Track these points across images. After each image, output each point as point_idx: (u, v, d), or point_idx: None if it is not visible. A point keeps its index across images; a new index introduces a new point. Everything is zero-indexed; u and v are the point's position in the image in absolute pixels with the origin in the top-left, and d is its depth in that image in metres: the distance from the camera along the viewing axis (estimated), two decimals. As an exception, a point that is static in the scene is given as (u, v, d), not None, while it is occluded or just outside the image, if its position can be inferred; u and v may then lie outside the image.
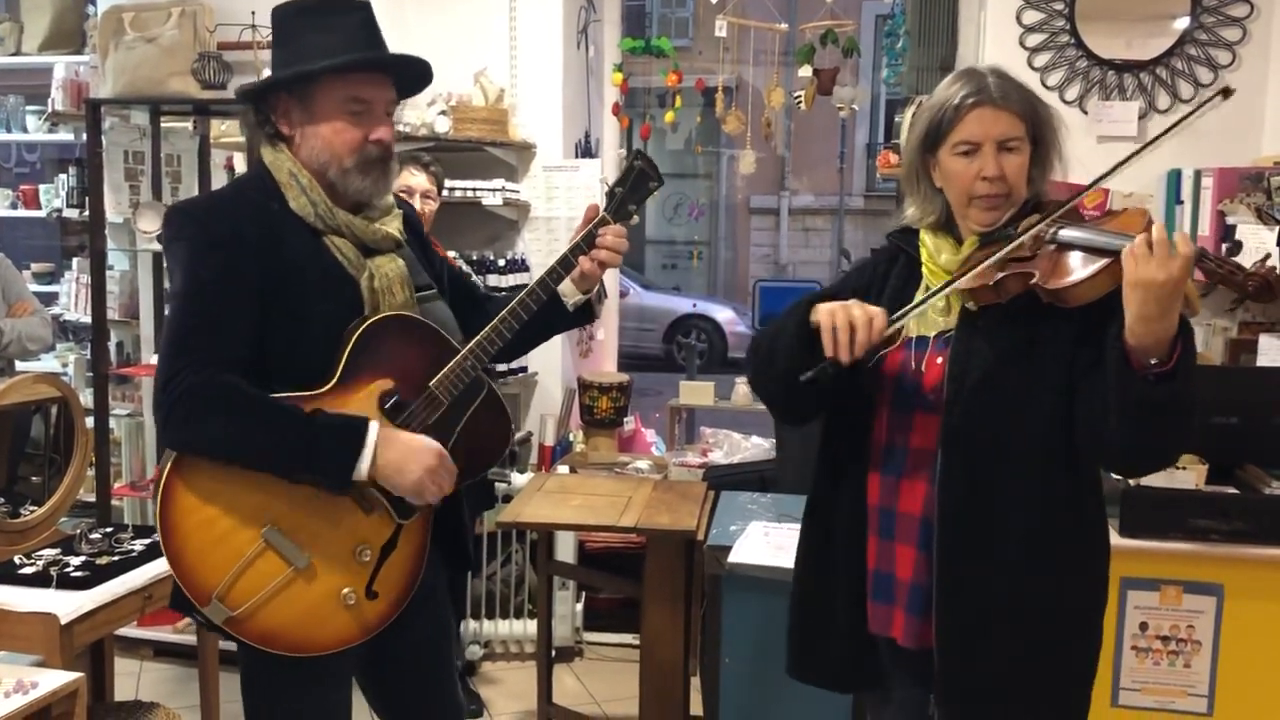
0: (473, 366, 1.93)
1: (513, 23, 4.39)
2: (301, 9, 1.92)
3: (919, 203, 1.94)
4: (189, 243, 1.85)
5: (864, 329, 1.73)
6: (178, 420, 1.79)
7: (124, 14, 3.99)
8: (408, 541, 1.94)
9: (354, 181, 1.90)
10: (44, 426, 3.07)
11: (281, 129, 1.91)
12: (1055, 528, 1.83)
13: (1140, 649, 2.82)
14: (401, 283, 1.95)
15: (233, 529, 1.82)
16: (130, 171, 4.12)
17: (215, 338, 1.80)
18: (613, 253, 1.99)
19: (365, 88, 1.89)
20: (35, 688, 2.18)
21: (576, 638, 4.16)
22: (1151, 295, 1.56)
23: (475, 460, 2.00)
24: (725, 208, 17.43)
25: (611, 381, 4.44)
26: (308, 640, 1.87)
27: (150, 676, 3.91)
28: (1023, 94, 1.84)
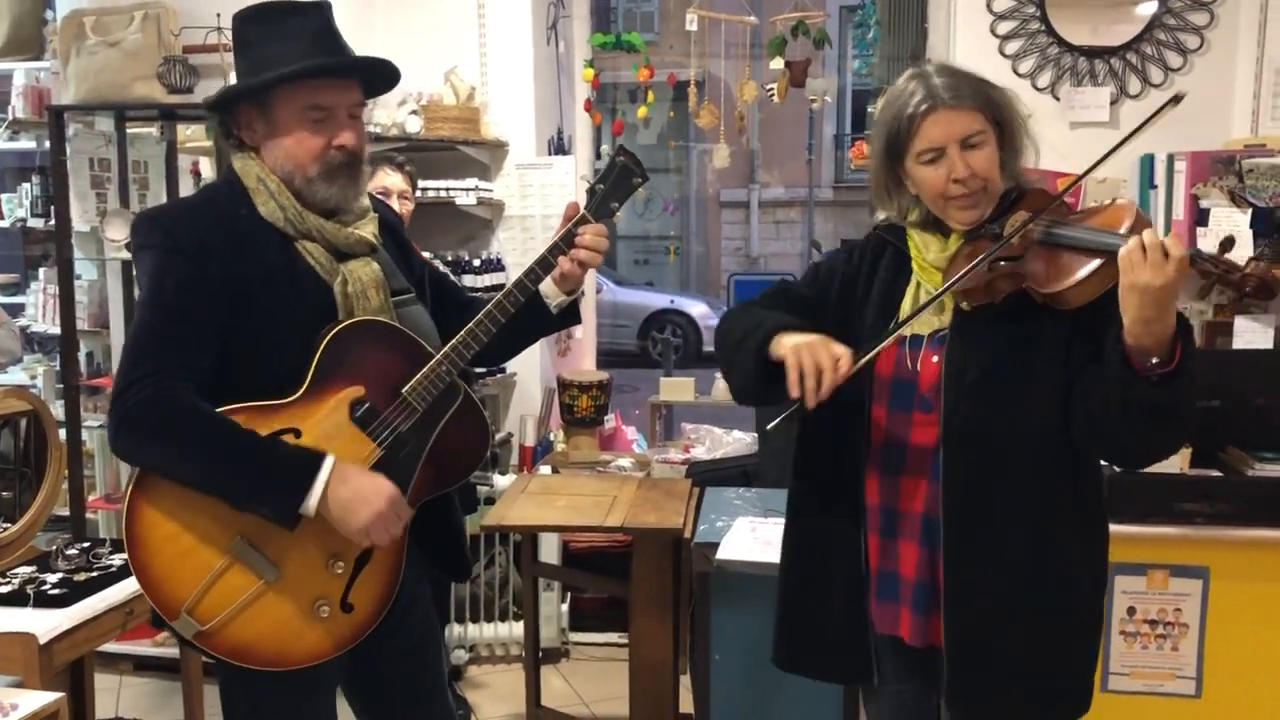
0: (447, 372, 1.89)
1: (482, 20, 4.35)
2: (257, 16, 1.87)
3: (895, 212, 1.93)
4: (155, 250, 1.82)
5: (830, 372, 1.69)
6: (127, 434, 1.76)
7: (85, 18, 3.92)
8: (384, 552, 1.89)
9: (320, 189, 1.86)
10: (14, 440, 3.01)
11: (245, 139, 1.88)
12: (1060, 522, 1.83)
13: (1128, 633, 2.83)
14: (376, 287, 1.91)
15: (200, 541, 1.78)
16: (96, 179, 4.05)
17: (176, 349, 1.77)
18: (592, 252, 1.96)
19: (324, 94, 1.85)
20: (15, 710, 2.12)
21: (563, 638, 4.14)
22: (1150, 298, 1.56)
23: (453, 467, 1.96)
24: (696, 202, 17.43)
25: (591, 380, 4.42)
26: (281, 654, 1.83)
27: (130, 692, 3.85)
28: (974, 86, 1.81)
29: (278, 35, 1.84)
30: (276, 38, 1.84)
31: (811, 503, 2.01)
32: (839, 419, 1.90)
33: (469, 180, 4.17)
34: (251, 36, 1.87)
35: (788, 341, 1.74)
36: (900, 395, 1.87)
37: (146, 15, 3.86)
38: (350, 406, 1.84)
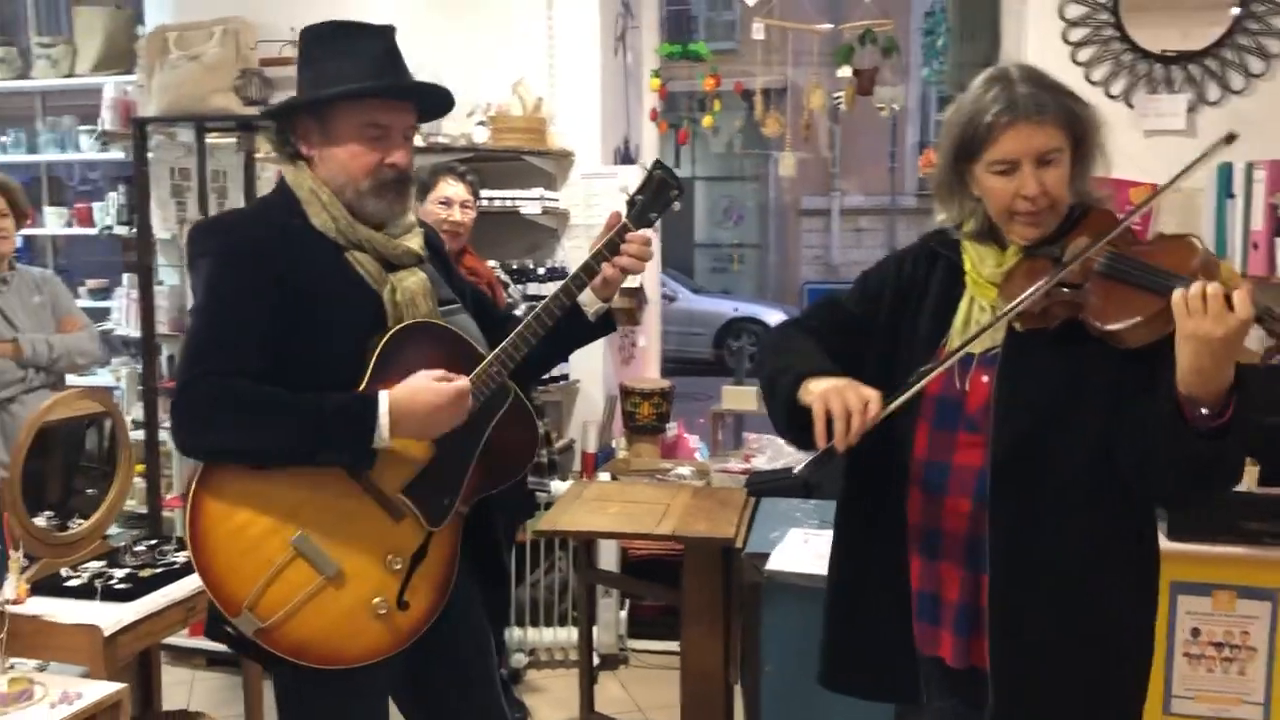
0: (499, 372, 1.93)
1: (550, 32, 4.40)
2: (325, 33, 1.95)
3: (955, 214, 1.88)
4: (210, 258, 1.89)
5: (859, 415, 1.66)
6: (189, 426, 1.82)
7: (169, 33, 4.07)
8: (438, 550, 1.94)
9: (369, 204, 1.92)
10: (98, 440, 3.13)
11: (301, 149, 1.94)
12: (1109, 549, 1.78)
13: (1192, 656, 2.75)
14: (424, 295, 1.96)
15: (261, 538, 1.82)
16: (177, 188, 4.19)
17: (230, 350, 1.82)
18: (637, 259, 1.99)
19: (383, 113, 1.91)
20: (80, 698, 2.22)
21: (621, 645, 4.15)
22: (1206, 350, 1.50)
23: (504, 466, 2.01)
24: (775, 210, 17.36)
25: (653, 388, 4.43)
26: (339, 652, 1.87)
27: (203, 686, 3.96)
28: (1059, 100, 1.73)
29: (343, 53, 1.91)
30: (342, 55, 1.91)
31: (855, 519, 1.98)
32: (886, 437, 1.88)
33: (534, 190, 4.22)
34: (317, 52, 1.94)
35: (815, 388, 1.71)
36: (946, 414, 1.83)
37: (226, 30, 3.99)
38: None
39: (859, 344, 1.91)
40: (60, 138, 5.50)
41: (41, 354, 3.40)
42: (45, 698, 2.21)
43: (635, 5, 4.73)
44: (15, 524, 2.45)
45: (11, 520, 2.44)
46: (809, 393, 1.72)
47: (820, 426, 1.67)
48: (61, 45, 5.31)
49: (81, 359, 3.56)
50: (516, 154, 4.17)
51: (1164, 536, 2.69)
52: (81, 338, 3.56)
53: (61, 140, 5.51)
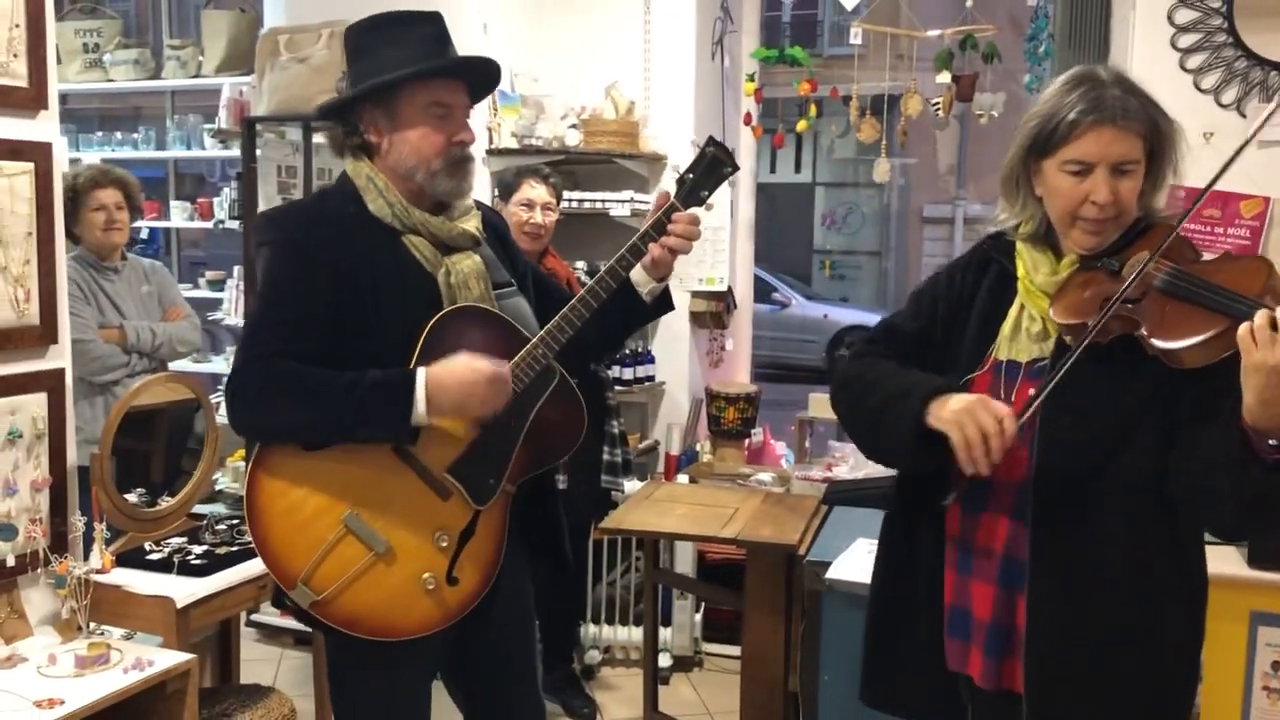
0: (543, 355, 1.97)
1: (646, 36, 4.44)
2: (376, 24, 2.01)
3: (1016, 211, 1.82)
4: (270, 246, 1.98)
5: (997, 437, 1.60)
6: (240, 406, 1.91)
7: (280, 35, 4.24)
8: (486, 528, 1.99)
9: (442, 183, 1.99)
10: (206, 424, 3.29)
11: (370, 139, 2.00)
12: (1153, 573, 1.72)
13: (1273, 690, 2.62)
14: (478, 278, 2.01)
15: (315, 515, 1.91)
16: (283, 185, 4.36)
17: (285, 333, 1.90)
18: (683, 239, 2.01)
19: (445, 93, 1.98)
20: (151, 665, 2.35)
21: (696, 648, 4.16)
22: (1275, 381, 1.43)
23: (550, 447, 2.05)
24: (896, 216, 17.08)
25: (739, 392, 4.42)
26: (391, 624, 1.94)
27: (288, 664, 4.12)
28: (1146, 109, 1.68)
29: (395, 41, 1.98)
30: (394, 43, 1.97)
31: (898, 531, 1.95)
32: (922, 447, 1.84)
33: (624, 192, 4.27)
34: (369, 44, 2.01)
35: (946, 414, 1.65)
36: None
37: (333, 33, 4.13)
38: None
39: (920, 360, 1.87)
40: (186, 135, 5.79)
41: (145, 341, 3.59)
42: (120, 663, 2.34)
43: (735, 10, 4.74)
44: (102, 498, 2.59)
45: (99, 494, 2.58)
46: (940, 419, 1.65)
47: (964, 455, 1.62)
48: (190, 47, 5.59)
49: (182, 347, 3.75)
50: (608, 157, 4.22)
51: (1244, 565, 2.58)
52: (184, 326, 3.74)
53: (188, 138, 5.80)
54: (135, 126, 6.08)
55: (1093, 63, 4.20)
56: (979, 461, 1.61)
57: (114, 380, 3.48)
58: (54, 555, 2.48)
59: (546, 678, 3.76)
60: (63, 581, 2.45)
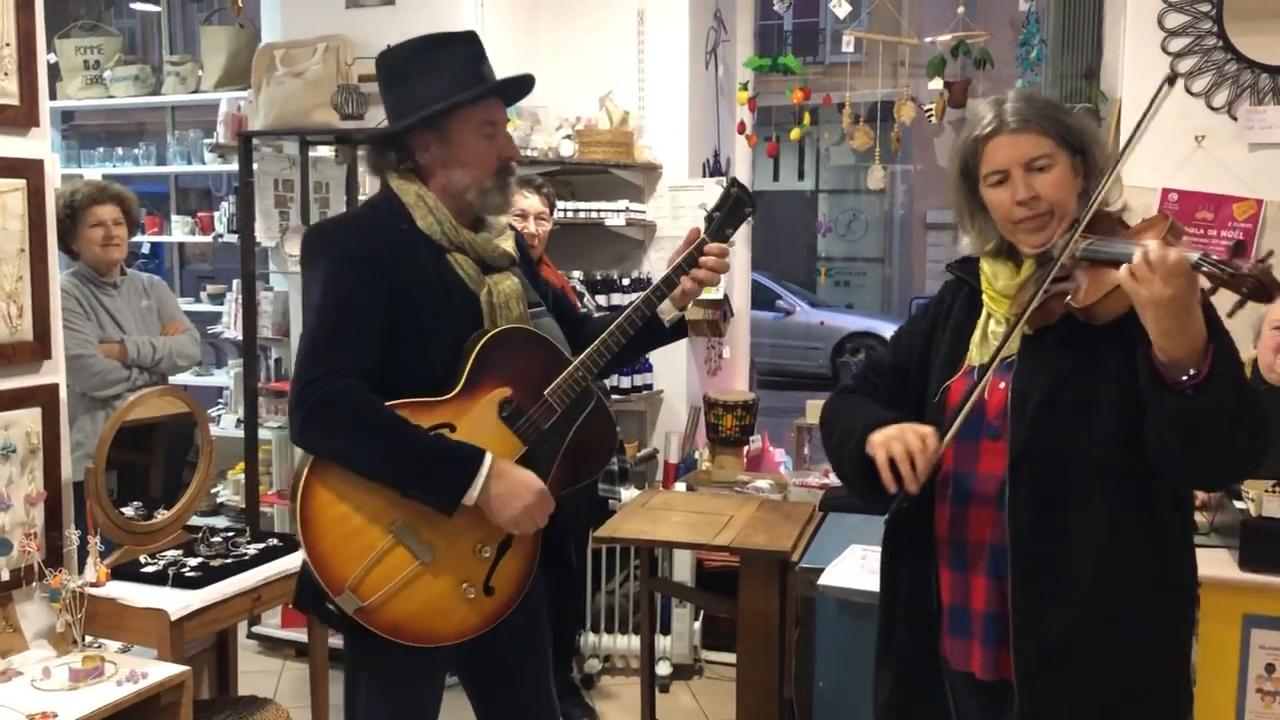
0: (583, 377, 2.04)
1: (640, 46, 4.47)
2: (416, 50, 2.04)
3: (975, 236, 1.94)
4: (327, 261, 1.99)
5: (921, 455, 1.72)
6: (311, 428, 1.94)
7: (276, 50, 4.28)
8: (522, 541, 2.05)
9: (493, 199, 2.06)
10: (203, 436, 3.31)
11: (421, 161, 2.04)
12: (1133, 552, 1.76)
13: (1267, 692, 2.62)
14: (517, 298, 2.08)
15: (366, 524, 1.95)
16: (280, 199, 4.39)
17: (348, 350, 1.94)
18: (713, 272, 2.10)
19: (493, 111, 2.06)
20: (145, 678, 2.35)
21: (695, 656, 4.16)
22: (1162, 309, 1.54)
23: (585, 464, 2.12)
24: (899, 223, 17.08)
25: (737, 400, 4.43)
26: (431, 631, 1.98)
27: (290, 675, 4.13)
28: (1041, 111, 1.81)
29: (439, 65, 2.02)
30: (439, 67, 2.01)
31: (892, 537, 2.00)
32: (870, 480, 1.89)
33: (620, 202, 4.28)
34: (410, 69, 2.03)
35: (875, 440, 1.78)
36: (968, 424, 1.82)
37: (328, 47, 4.18)
38: (499, 405, 2.00)
39: (905, 389, 1.98)
40: (187, 150, 5.82)
41: (145, 355, 3.61)
42: (114, 676, 2.35)
43: (729, 19, 4.76)
44: (97, 511, 2.61)
45: (93, 507, 2.60)
46: (872, 444, 1.78)
47: (886, 475, 1.74)
48: (189, 63, 5.63)
49: (182, 361, 3.77)
50: (603, 167, 4.24)
51: (1235, 567, 2.58)
52: (183, 340, 3.77)
53: (188, 153, 5.84)
54: (137, 142, 6.12)
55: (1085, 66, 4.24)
56: (905, 479, 1.72)
57: (115, 395, 3.50)
58: (48, 569, 2.50)
59: (546, 686, 3.77)
60: (57, 595, 2.46)
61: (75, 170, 5.72)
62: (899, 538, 1.96)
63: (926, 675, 1.91)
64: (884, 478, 1.74)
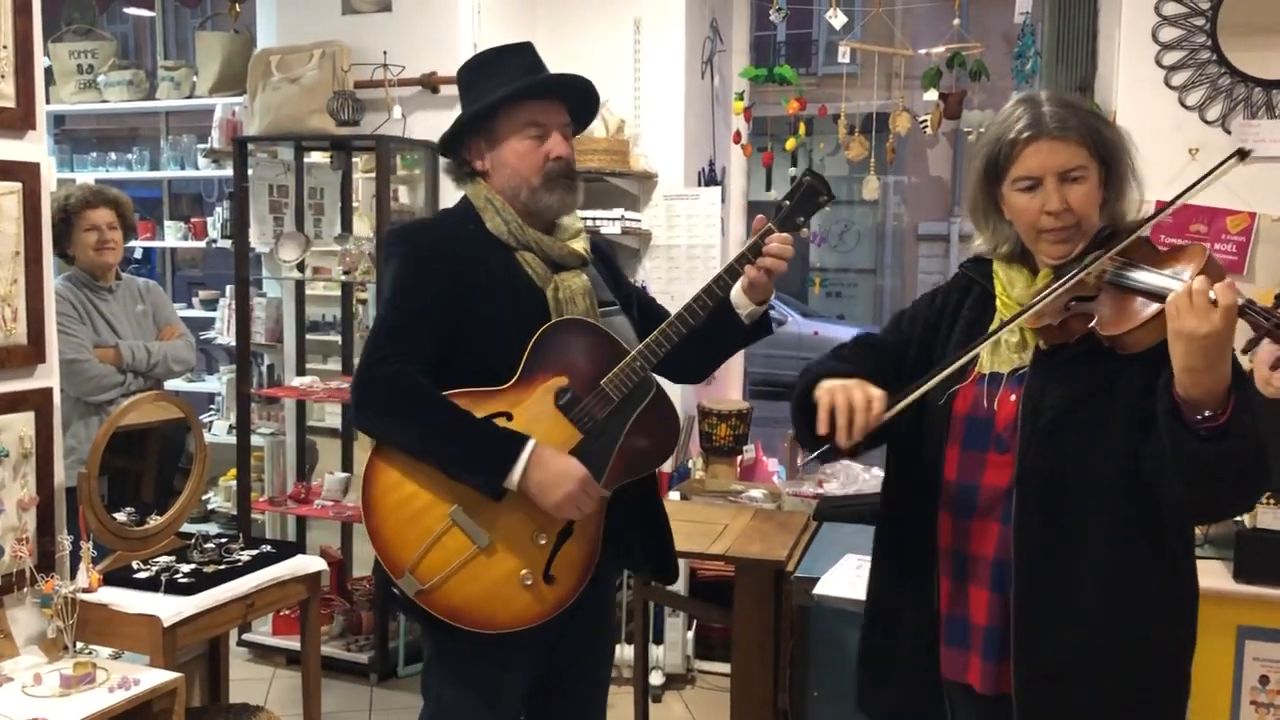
0: (641, 367, 2.04)
1: (636, 56, 4.47)
2: (477, 63, 2.19)
3: (989, 236, 1.90)
4: (399, 258, 2.11)
5: (862, 413, 1.70)
6: (366, 409, 2.05)
7: (271, 56, 4.27)
8: (582, 530, 2.06)
9: (543, 198, 2.10)
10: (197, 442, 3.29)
11: (476, 165, 2.15)
12: (1138, 572, 1.75)
13: (1261, 704, 2.62)
14: (584, 295, 2.11)
15: (424, 508, 2.01)
16: (275, 204, 4.38)
17: (409, 339, 2.03)
18: (778, 259, 2.07)
19: (539, 112, 2.10)
20: (137, 684, 2.34)
21: (688, 665, 4.15)
22: (1195, 347, 1.51)
23: (646, 455, 2.12)
24: (892, 234, 17.12)
25: (731, 409, 4.43)
26: (491, 617, 2.01)
27: (281, 684, 4.11)
28: (1083, 119, 1.78)
29: (494, 72, 2.14)
30: (493, 76, 2.13)
31: (888, 544, 1.99)
32: (917, 459, 1.88)
33: (615, 210, 4.28)
34: (471, 80, 2.17)
35: (825, 384, 1.76)
36: (975, 434, 1.83)
37: (324, 53, 4.17)
38: (555, 394, 2.04)
39: (894, 371, 1.92)
40: (180, 155, 5.81)
41: (140, 360, 3.60)
42: (105, 682, 2.33)
43: (725, 29, 4.77)
44: (90, 516, 2.59)
45: (86, 513, 2.59)
46: (820, 389, 1.76)
47: (823, 416, 1.72)
48: (184, 68, 5.62)
49: (177, 366, 3.75)
50: (598, 175, 4.24)
51: (1230, 579, 2.59)
52: (179, 345, 3.75)
53: (182, 158, 5.82)
54: (130, 147, 6.10)
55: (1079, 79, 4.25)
56: (839, 430, 1.70)
57: (109, 400, 3.48)
58: (40, 574, 2.48)
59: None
60: (49, 601, 2.45)
61: (68, 174, 5.70)
62: (899, 546, 1.95)
63: (929, 686, 1.90)
64: (820, 418, 1.72)
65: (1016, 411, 1.77)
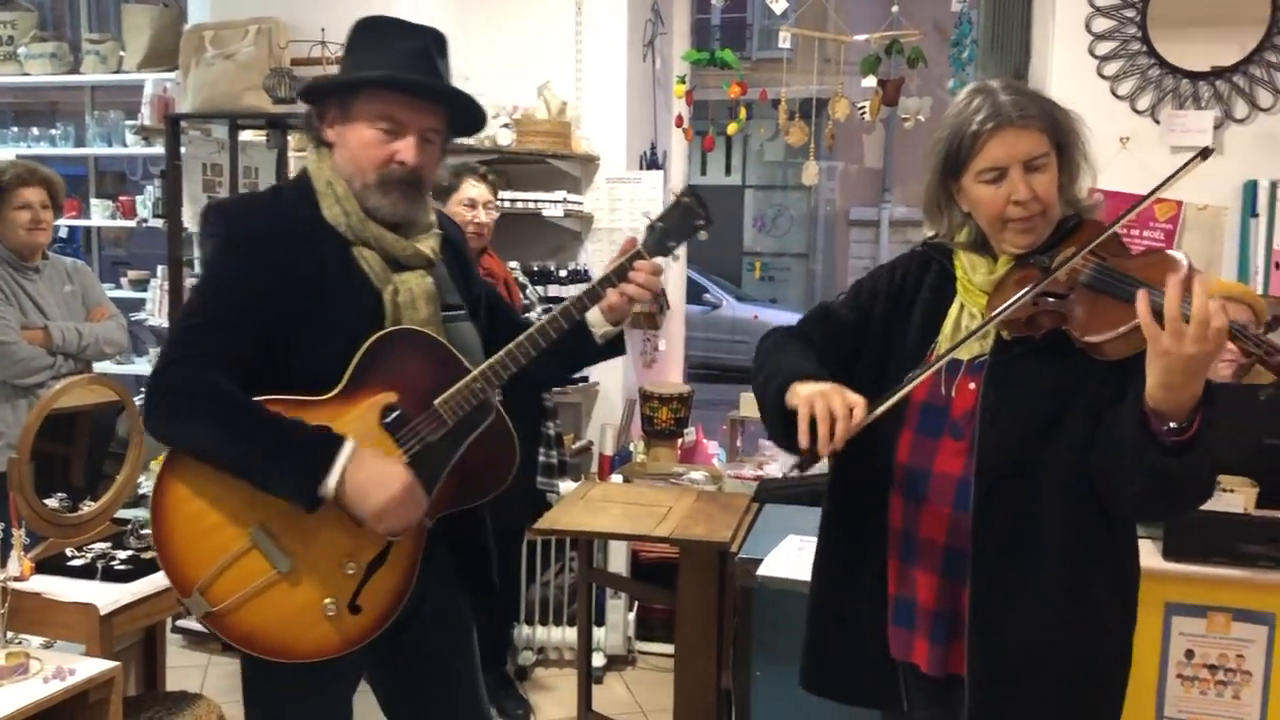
0: (482, 389, 1.89)
1: (578, 37, 4.45)
2: (370, 25, 1.94)
3: (944, 228, 1.88)
4: (216, 240, 1.88)
5: (843, 421, 1.64)
6: (161, 412, 1.82)
7: (205, 32, 4.18)
8: (397, 559, 1.91)
9: (372, 197, 1.89)
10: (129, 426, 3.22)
11: (325, 136, 1.93)
12: (1090, 561, 1.78)
13: (1186, 677, 2.71)
14: (427, 299, 1.93)
15: (221, 524, 1.83)
16: (209, 183, 4.29)
17: (218, 337, 1.82)
18: (643, 289, 1.94)
19: (402, 109, 1.87)
20: (73, 674, 2.28)
21: (629, 646, 4.18)
22: (1177, 365, 1.48)
23: (477, 484, 1.97)
24: (824, 219, 17.28)
25: (672, 392, 4.45)
26: (286, 646, 1.86)
27: (216, 671, 4.04)
28: (1041, 105, 1.75)
29: (380, 45, 1.89)
30: (378, 47, 1.89)
31: (839, 522, 1.99)
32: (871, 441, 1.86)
33: (558, 193, 4.27)
34: (358, 41, 1.93)
35: (802, 391, 1.70)
36: (930, 420, 1.83)
37: (260, 30, 4.09)
38: (381, 412, 1.86)
39: (852, 350, 1.92)
40: (107, 132, 5.66)
41: (70, 342, 3.50)
42: (40, 673, 2.27)
43: (666, 12, 4.76)
44: (21, 503, 2.53)
45: (17, 499, 2.52)
46: (796, 395, 1.70)
47: (803, 428, 1.65)
48: (110, 42, 5.47)
49: (109, 348, 3.67)
50: (541, 157, 4.22)
51: (1159, 557, 2.66)
52: (110, 327, 3.66)
53: (108, 135, 5.67)
54: (53, 122, 5.92)
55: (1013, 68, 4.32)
56: (820, 440, 1.64)
57: (39, 383, 3.39)
58: (-29, 562, 2.42)
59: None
60: (-21, 590, 2.38)
61: (-13, 150, 5.54)
62: (851, 526, 1.94)
63: (879, 664, 1.92)
64: (801, 430, 1.65)
65: (975, 400, 1.77)
